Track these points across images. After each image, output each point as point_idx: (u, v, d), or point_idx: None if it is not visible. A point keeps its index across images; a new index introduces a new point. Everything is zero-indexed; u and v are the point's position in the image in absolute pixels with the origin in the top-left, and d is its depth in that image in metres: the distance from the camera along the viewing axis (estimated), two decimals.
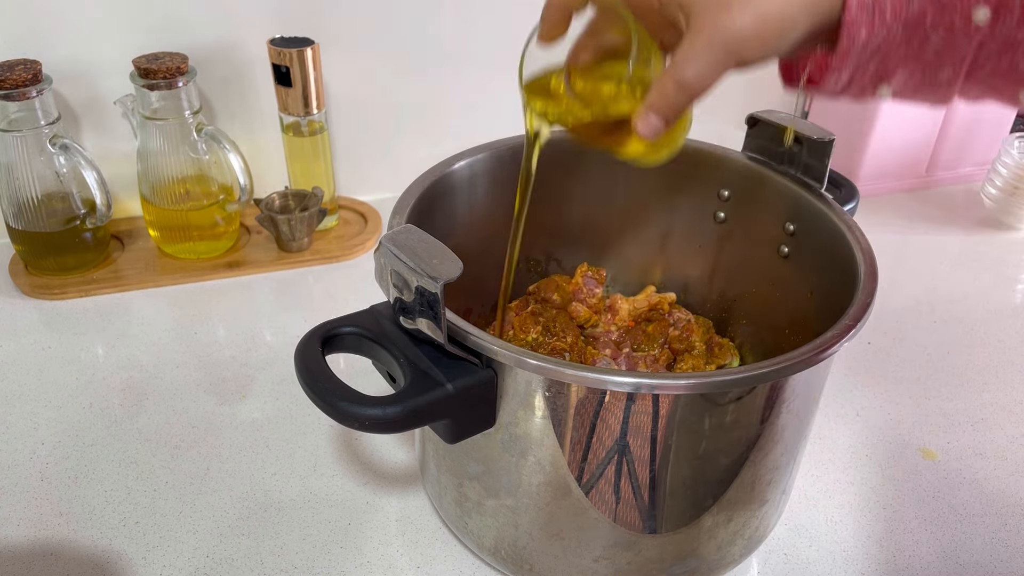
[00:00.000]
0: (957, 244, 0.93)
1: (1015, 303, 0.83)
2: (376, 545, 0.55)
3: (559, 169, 0.62)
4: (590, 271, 0.66)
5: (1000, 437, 0.66)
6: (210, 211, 0.81)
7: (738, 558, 0.52)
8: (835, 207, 0.53)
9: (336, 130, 0.92)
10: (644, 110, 0.41)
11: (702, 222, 0.63)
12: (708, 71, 0.39)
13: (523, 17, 0.91)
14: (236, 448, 0.62)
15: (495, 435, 0.45)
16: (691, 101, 0.40)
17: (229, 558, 0.54)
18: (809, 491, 0.60)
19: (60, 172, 0.76)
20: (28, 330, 0.74)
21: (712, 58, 0.38)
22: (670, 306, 0.66)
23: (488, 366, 0.42)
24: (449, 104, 0.94)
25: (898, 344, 0.76)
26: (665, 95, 0.40)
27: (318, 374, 0.40)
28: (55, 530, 0.55)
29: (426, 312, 0.40)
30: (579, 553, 0.48)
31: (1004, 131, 1.01)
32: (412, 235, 0.41)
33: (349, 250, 0.86)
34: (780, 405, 0.44)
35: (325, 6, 0.84)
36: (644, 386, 0.39)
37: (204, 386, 0.68)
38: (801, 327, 0.56)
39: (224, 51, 0.83)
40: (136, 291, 0.79)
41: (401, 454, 0.62)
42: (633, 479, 0.44)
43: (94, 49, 0.80)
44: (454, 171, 0.57)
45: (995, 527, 0.58)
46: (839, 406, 0.68)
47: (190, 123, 0.77)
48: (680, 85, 0.40)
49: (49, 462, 0.60)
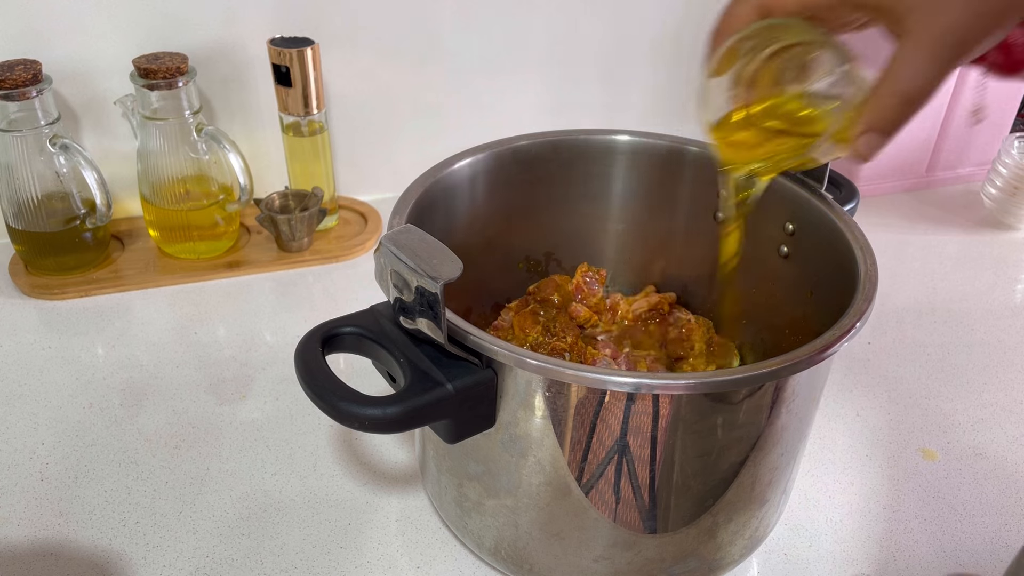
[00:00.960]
0: (957, 244, 0.93)
1: (1015, 303, 0.83)
2: (376, 545, 0.55)
3: (559, 169, 0.62)
4: (590, 271, 0.66)
5: (1000, 437, 0.66)
6: (210, 211, 0.81)
7: (738, 558, 0.52)
8: (835, 207, 0.53)
9: (336, 130, 0.92)
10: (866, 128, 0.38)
11: (702, 222, 0.63)
12: (934, 79, 0.36)
13: (523, 17, 0.91)
14: (236, 448, 0.62)
15: (495, 435, 0.45)
16: (916, 112, 0.37)
17: (229, 558, 0.54)
18: (809, 491, 0.60)
19: (60, 172, 0.76)
20: (28, 330, 0.74)
21: (938, 62, 0.36)
22: (670, 306, 0.66)
23: (488, 366, 0.42)
24: (449, 104, 0.94)
25: (898, 344, 0.76)
26: (886, 110, 0.37)
27: (318, 374, 0.40)
28: (55, 530, 0.55)
29: (426, 312, 0.40)
30: (579, 553, 0.48)
31: (1004, 131, 1.01)
32: (412, 235, 0.41)
33: (349, 250, 0.86)
34: (780, 405, 0.44)
35: (325, 6, 0.84)
36: (644, 386, 0.39)
37: (204, 386, 0.68)
38: (801, 327, 0.56)
39: (224, 51, 0.83)
40: (136, 291, 0.79)
41: (401, 454, 0.62)
42: (633, 479, 0.44)
43: (94, 49, 0.80)
44: (454, 171, 0.57)
45: (995, 527, 0.58)
46: (839, 406, 0.68)
47: (190, 123, 0.77)
48: (904, 98, 0.36)
49: (49, 462, 0.60)
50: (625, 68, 0.98)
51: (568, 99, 0.98)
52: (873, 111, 0.38)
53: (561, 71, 0.96)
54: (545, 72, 0.96)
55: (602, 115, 1.01)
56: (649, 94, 1.02)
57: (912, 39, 0.36)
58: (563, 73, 0.96)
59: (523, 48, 0.93)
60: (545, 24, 0.92)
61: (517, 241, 0.65)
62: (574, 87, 0.97)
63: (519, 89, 0.96)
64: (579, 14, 0.92)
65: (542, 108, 0.98)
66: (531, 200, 0.63)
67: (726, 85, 0.44)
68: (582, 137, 0.61)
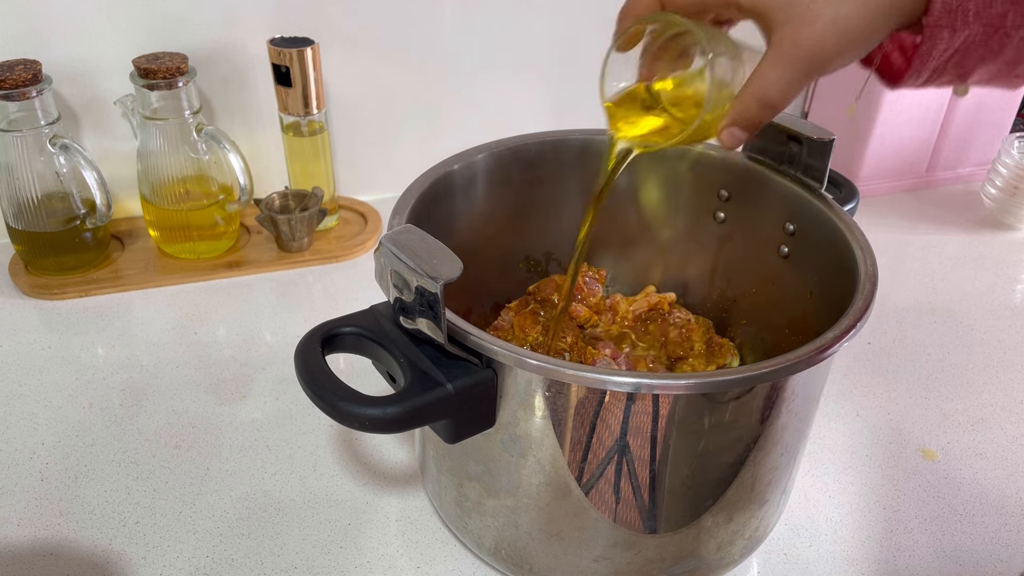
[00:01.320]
0: (957, 244, 0.93)
1: (1015, 303, 0.83)
2: (376, 545, 0.55)
3: (559, 169, 0.62)
4: (590, 271, 0.66)
5: (1000, 437, 0.66)
6: (210, 211, 0.81)
7: (738, 558, 0.52)
8: (835, 207, 0.53)
9: (336, 130, 0.92)
10: (729, 124, 0.42)
11: (702, 222, 0.63)
12: (791, 88, 0.39)
13: (523, 17, 0.91)
14: (236, 448, 0.62)
15: (495, 435, 0.45)
16: (774, 115, 0.41)
17: (229, 558, 0.54)
18: (809, 491, 0.60)
19: (60, 172, 0.76)
20: (28, 330, 0.74)
21: (795, 75, 0.39)
22: (670, 306, 0.66)
23: (488, 366, 0.42)
24: (449, 104, 0.94)
25: (898, 344, 0.76)
26: (748, 111, 0.41)
27: (318, 374, 0.40)
28: (55, 530, 0.55)
29: (426, 312, 0.40)
30: (579, 553, 0.48)
31: (1004, 131, 1.01)
32: (412, 235, 0.41)
33: (349, 250, 0.86)
34: (780, 405, 0.44)
35: (325, 6, 0.84)
36: (644, 386, 0.39)
37: (204, 386, 0.68)
38: (801, 327, 0.56)
39: (224, 51, 0.83)
40: (136, 291, 0.79)
41: (401, 454, 0.62)
42: (633, 479, 0.44)
43: (94, 49, 0.80)
44: (454, 171, 0.57)
45: (995, 527, 0.58)
46: (839, 406, 0.68)
47: (190, 123, 0.77)
48: (763, 103, 0.40)
49: (49, 462, 0.60)
50: None
51: (568, 99, 0.98)
52: (737, 109, 0.41)
53: (561, 71, 0.96)
54: (545, 72, 0.96)
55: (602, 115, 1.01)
56: None
57: (777, 50, 0.39)
58: (563, 73, 0.96)
59: (523, 48, 0.93)
60: (545, 24, 0.92)
61: (517, 241, 0.65)
62: (574, 87, 0.97)
63: (519, 89, 0.96)
64: (579, 14, 0.92)
65: (542, 108, 0.98)
66: (531, 200, 0.63)
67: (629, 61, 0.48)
68: (582, 137, 0.61)
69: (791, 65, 0.38)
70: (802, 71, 0.38)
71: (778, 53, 0.39)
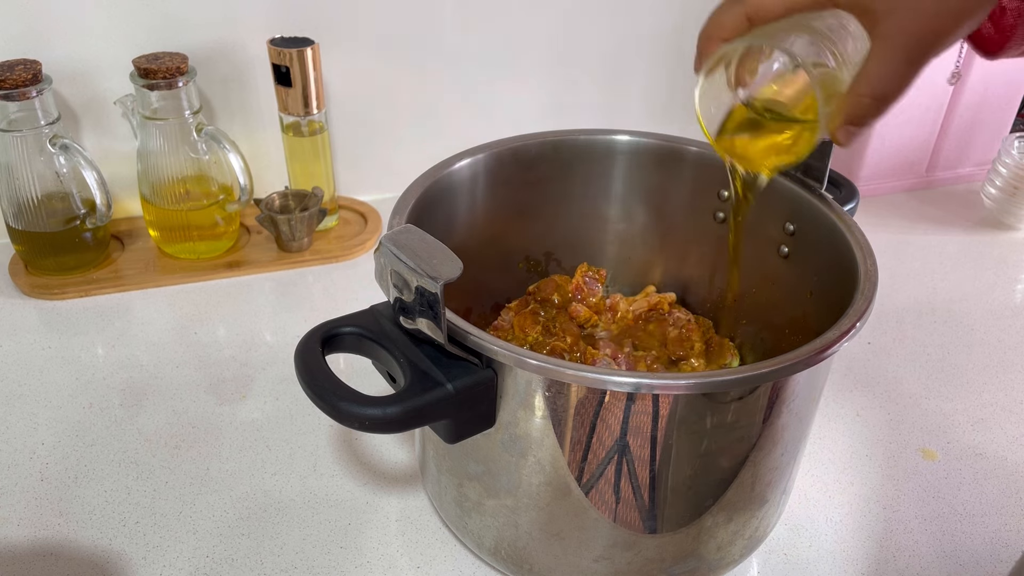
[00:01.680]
0: (957, 244, 0.93)
1: (1015, 303, 0.83)
2: (376, 545, 0.55)
3: (559, 169, 0.62)
4: (590, 271, 0.66)
5: (1000, 437, 0.66)
6: (210, 211, 0.81)
7: (738, 558, 0.52)
8: (835, 207, 0.53)
9: (336, 130, 0.92)
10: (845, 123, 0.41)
11: (702, 222, 0.63)
12: (904, 80, 0.38)
13: (523, 17, 0.91)
14: (236, 448, 0.62)
15: (495, 435, 0.45)
16: (889, 109, 0.40)
17: (229, 558, 0.54)
18: (809, 491, 0.60)
19: (60, 172, 0.76)
20: (28, 330, 0.74)
21: (908, 66, 0.38)
22: (670, 306, 0.66)
23: (488, 366, 0.42)
24: (449, 104, 0.94)
25: (898, 344, 0.76)
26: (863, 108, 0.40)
27: (318, 374, 0.40)
28: (55, 530, 0.55)
29: (426, 312, 0.40)
30: (579, 553, 0.48)
31: (1004, 131, 1.01)
32: (412, 235, 0.41)
33: (349, 250, 0.86)
34: (780, 405, 0.44)
35: (325, 6, 0.84)
36: (644, 386, 0.39)
37: (204, 386, 0.68)
38: (801, 327, 0.56)
39: (224, 51, 0.83)
40: (136, 291, 0.79)
41: (401, 454, 0.62)
42: (633, 479, 0.44)
43: (94, 49, 0.80)
44: (454, 171, 0.57)
45: (995, 527, 0.58)
46: (839, 406, 0.68)
47: (190, 123, 0.77)
48: (879, 99, 0.39)
49: (49, 462, 0.60)
50: (625, 68, 0.98)
51: (568, 99, 0.98)
52: (850, 107, 0.40)
53: (561, 71, 0.96)
54: (545, 72, 0.96)
55: (602, 115, 1.01)
56: (649, 94, 1.02)
57: (887, 42, 0.38)
58: (563, 73, 0.96)
59: (523, 48, 0.93)
60: (545, 24, 0.92)
61: (517, 241, 0.65)
62: (574, 87, 0.97)
63: (519, 89, 0.96)
64: (579, 14, 0.92)
65: (542, 108, 0.98)
66: (531, 200, 0.63)
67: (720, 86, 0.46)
68: (582, 137, 0.61)
69: (905, 57, 0.38)
70: (916, 61, 0.38)
71: (888, 45, 0.38)
